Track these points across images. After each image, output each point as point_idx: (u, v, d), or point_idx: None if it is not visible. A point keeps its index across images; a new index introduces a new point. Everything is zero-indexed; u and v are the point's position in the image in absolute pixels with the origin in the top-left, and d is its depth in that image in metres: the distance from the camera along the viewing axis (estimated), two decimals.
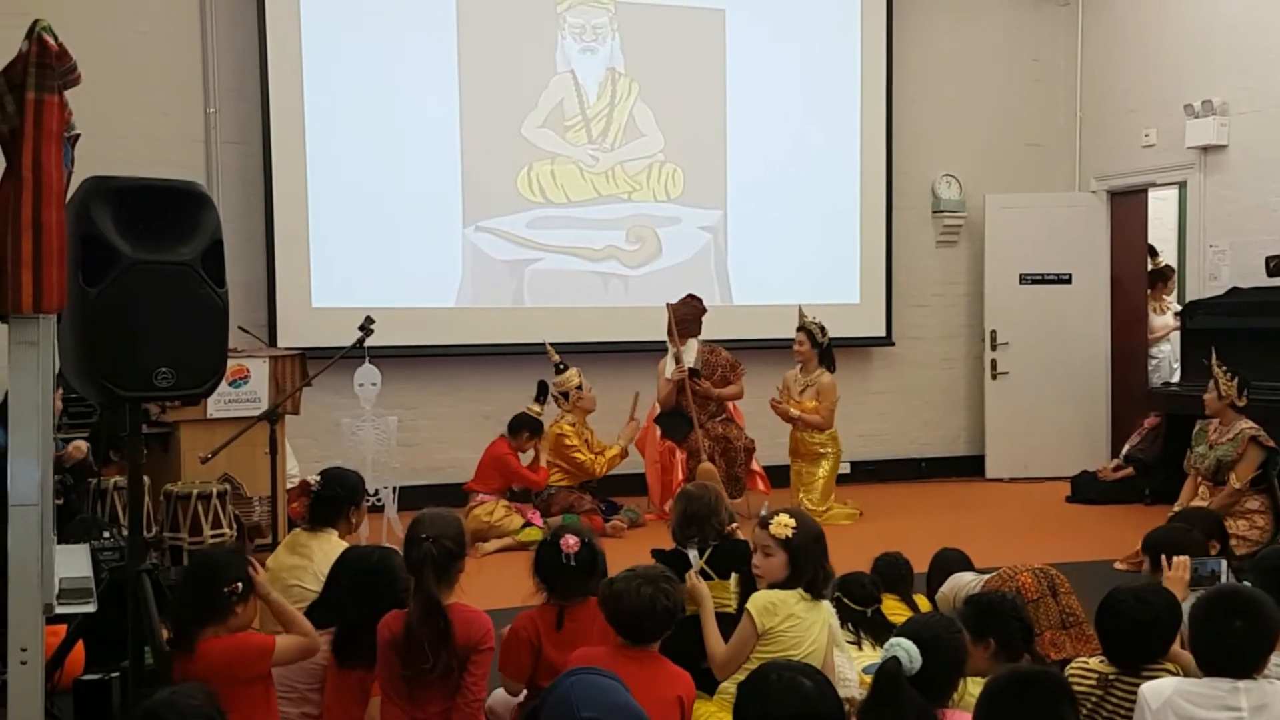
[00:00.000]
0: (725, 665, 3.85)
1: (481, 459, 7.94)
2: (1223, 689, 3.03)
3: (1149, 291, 10.28)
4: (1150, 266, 10.41)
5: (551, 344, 8.43)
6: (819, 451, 8.52)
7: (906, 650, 2.91)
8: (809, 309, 8.64)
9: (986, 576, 4.56)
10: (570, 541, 3.83)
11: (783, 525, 3.93)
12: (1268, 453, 7.07)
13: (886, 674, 2.88)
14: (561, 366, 8.33)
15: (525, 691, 3.84)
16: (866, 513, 8.59)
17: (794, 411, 8.49)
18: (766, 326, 9.19)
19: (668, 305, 8.58)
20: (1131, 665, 3.43)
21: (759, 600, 3.90)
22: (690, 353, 8.48)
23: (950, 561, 4.97)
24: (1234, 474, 7.04)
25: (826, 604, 4.01)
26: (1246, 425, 7.14)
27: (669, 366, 8.49)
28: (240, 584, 3.63)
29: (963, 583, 4.59)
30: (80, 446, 6.08)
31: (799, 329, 8.54)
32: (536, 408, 8.01)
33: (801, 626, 3.85)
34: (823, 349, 8.53)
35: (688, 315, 8.52)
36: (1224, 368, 7.28)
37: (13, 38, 3.24)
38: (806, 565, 3.90)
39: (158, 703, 2.75)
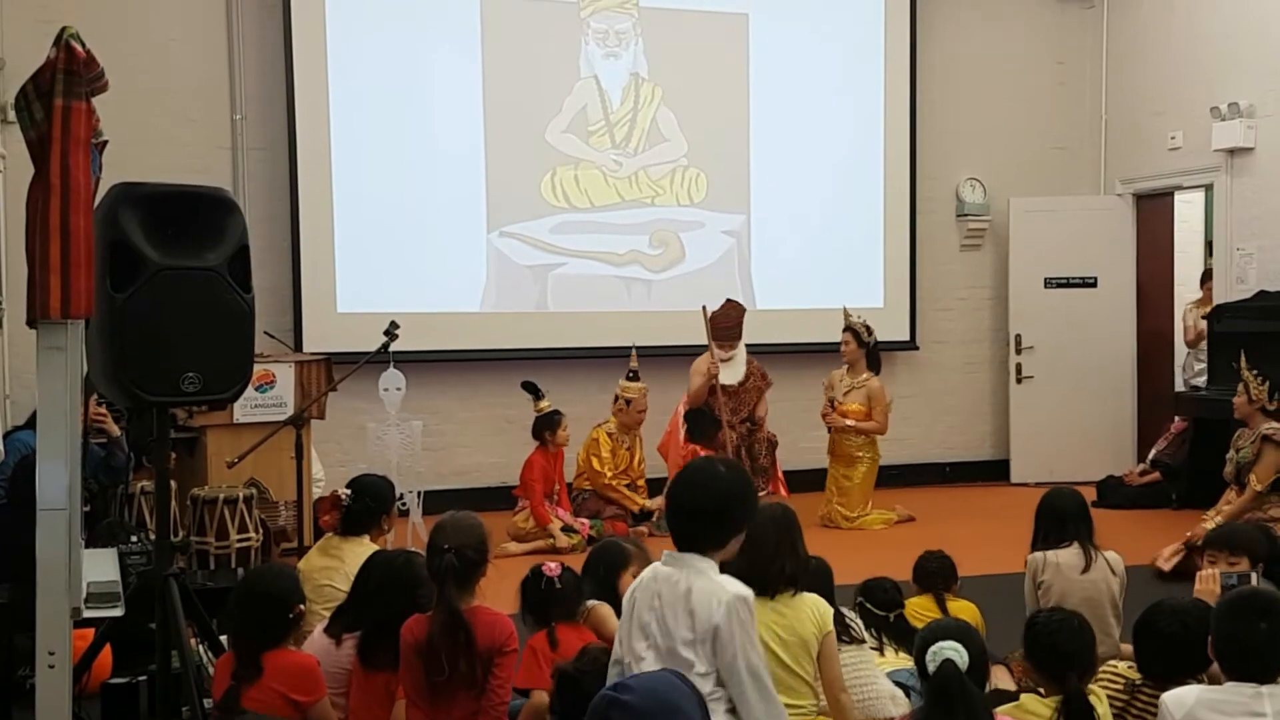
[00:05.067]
0: None
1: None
2: (1246, 694, 2.99)
3: (1202, 290, 10.04)
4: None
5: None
6: (855, 455, 8.46)
7: (956, 650, 2.90)
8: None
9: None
10: (551, 567, 3.96)
11: None
12: None
13: (948, 676, 2.87)
14: (630, 374, 8.31)
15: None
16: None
17: (848, 422, 8.40)
18: (790, 331, 9.15)
19: (713, 309, 8.44)
20: (1164, 680, 3.39)
21: None
22: (739, 358, 8.42)
23: None
24: (1253, 475, 6.97)
25: (809, 596, 3.63)
26: (1265, 426, 7.07)
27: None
28: (301, 605, 3.80)
29: None
30: (104, 412, 6.04)
31: (845, 329, 8.49)
32: (544, 404, 7.94)
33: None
34: (869, 349, 8.49)
35: (724, 323, 8.41)
36: (1254, 371, 7.22)
37: (42, 45, 3.28)
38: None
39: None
